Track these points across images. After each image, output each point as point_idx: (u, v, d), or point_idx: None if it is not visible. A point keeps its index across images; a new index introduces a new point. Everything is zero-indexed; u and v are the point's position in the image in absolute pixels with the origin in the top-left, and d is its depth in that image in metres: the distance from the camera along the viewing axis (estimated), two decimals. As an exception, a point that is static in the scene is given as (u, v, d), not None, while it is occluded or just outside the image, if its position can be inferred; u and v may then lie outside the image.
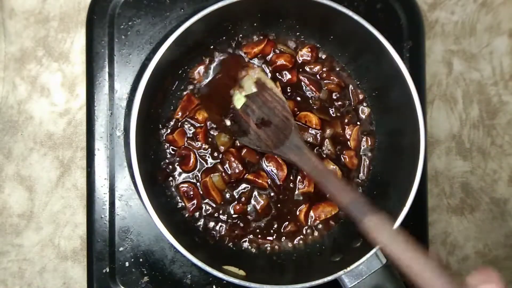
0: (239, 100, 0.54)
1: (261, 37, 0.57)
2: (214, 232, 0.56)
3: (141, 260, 0.56)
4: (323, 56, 0.58)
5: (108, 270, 0.55)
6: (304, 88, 0.58)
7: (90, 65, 0.56)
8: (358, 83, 0.58)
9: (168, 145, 0.56)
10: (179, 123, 0.56)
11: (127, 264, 0.56)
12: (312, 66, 0.57)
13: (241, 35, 0.57)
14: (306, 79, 0.57)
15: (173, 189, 0.56)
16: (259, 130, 0.54)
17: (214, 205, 0.56)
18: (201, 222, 0.56)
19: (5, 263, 0.59)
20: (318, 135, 0.57)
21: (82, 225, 0.58)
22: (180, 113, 0.56)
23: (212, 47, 0.56)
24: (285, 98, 0.54)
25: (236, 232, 0.56)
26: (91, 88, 0.56)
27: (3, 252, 0.59)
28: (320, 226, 0.57)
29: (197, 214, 0.56)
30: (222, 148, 0.56)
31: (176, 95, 0.56)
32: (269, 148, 0.53)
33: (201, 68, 0.56)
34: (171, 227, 0.48)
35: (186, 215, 0.56)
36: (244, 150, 0.56)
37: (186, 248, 0.47)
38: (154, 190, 0.49)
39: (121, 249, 0.56)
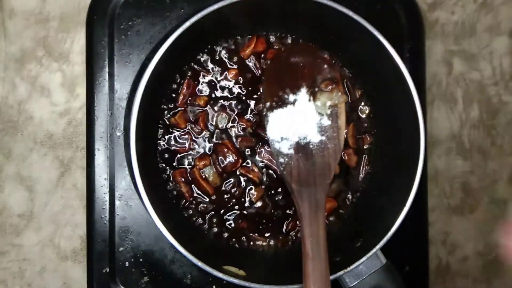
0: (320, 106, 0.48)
1: (250, 36, 0.56)
2: (213, 231, 0.56)
3: (141, 260, 0.56)
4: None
5: (108, 270, 0.55)
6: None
7: (90, 65, 0.56)
8: (357, 82, 0.58)
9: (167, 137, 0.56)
10: (181, 109, 0.56)
11: (127, 264, 0.56)
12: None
13: (237, 37, 0.56)
14: None
15: (172, 185, 0.56)
16: (295, 154, 0.48)
17: (207, 200, 0.56)
18: (200, 221, 0.56)
19: (5, 263, 0.59)
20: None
21: (82, 225, 0.58)
22: (181, 100, 0.55)
23: (209, 49, 0.56)
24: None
25: (234, 229, 0.56)
26: (91, 88, 0.56)
27: (3, 252, 0.59)
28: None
29: (195, 213, 0.56)
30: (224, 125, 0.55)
31: (176, 93, 0.56)
32: (290, 178, 0.47)
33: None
34: (171, 227, 0.48)
35: (186, 215, 0.56)
36: (239, 139, 0.55)
37: (186, 248, 0.47)
38: (154, 190, 0.49)
39: (121, 249, 0.56)
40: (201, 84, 0.56)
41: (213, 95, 0.56)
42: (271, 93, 0.51)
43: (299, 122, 0.50)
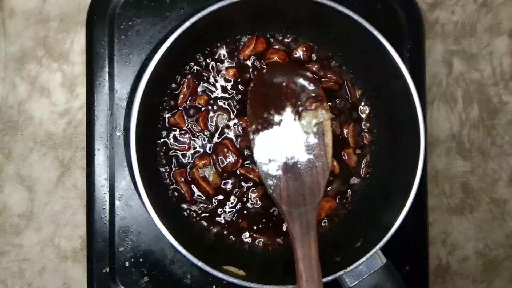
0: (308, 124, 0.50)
1: (249, 36, 0.56)
2: (213, 231, 0.56)
3: (141, 260, 0.56)
4: (322, 56, 0.58)
5: (108, 270, 0.55)
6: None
7: (90, 65, 0.56)
8: (357, 82, 0.58)
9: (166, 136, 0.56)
10: (181, 108, 0.56)
11: (127, 264, 0.56)
12: (310, 66, 0.57)
13: (237, 37, 0.56)
14: None
15: (172, 185, 0.56)
16: (284, 175, 0.49)
17: (207, 200, 0.56)
18: (200, 221, 0.56)
19: (5, 263, 0.59)
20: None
21: (82, 225, 0.58)
22: (181, 99, 0.55)
23: (209, 49, 0.56)
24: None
25: (235, 229, 0.56)
26: (91, 88, 0.56)
27: (3, 252, 0.59)
28: (320, 224, 0.57)
29: (195, 213, 0.56)
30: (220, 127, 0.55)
31: (176, 92, 0.56)
32: (280, 199, 0.48)
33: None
34: (171, 227, 0.48)
35: (186, 215, 0.56)
36: (239, 139, 0.56)
37: (186, 248, 0.47)
38: (154, 190, 0.49)
39: (121, 249, 0.56)
40: (201, 84, 0.56)
41: (213, 95, 0.56)
42: (256, 115, 0.51)
43: (286, 142, 0.50)
